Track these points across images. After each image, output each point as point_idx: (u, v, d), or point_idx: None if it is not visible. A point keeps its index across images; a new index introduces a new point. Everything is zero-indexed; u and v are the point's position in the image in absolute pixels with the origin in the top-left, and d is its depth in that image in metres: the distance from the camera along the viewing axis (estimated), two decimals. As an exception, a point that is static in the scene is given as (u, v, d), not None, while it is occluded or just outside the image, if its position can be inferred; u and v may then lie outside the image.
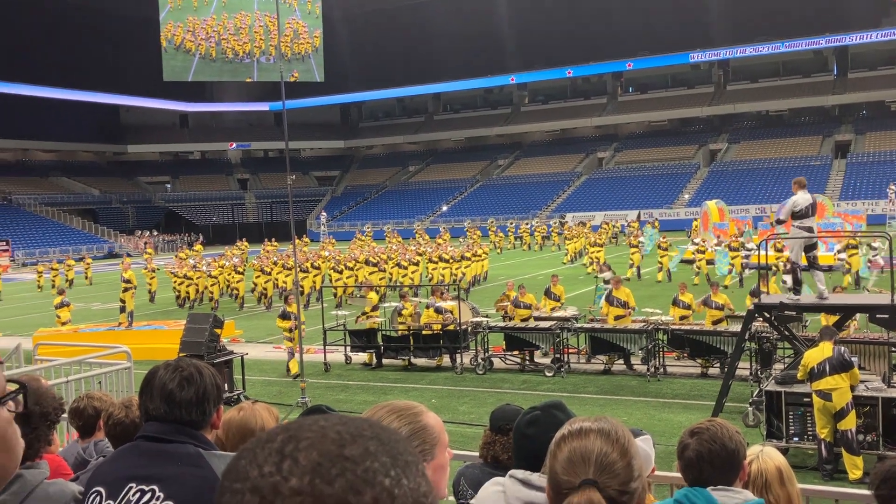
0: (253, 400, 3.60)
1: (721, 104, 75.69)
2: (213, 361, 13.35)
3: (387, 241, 49.69)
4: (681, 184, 68.96)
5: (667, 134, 79.30)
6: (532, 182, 77.05)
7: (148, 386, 2.34)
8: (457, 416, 12.84)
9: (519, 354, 16.48)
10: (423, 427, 1.91)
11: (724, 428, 2.60)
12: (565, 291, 18.89)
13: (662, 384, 14.57)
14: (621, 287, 16.61)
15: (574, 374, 15.75)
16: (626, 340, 15.27)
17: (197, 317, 15.32)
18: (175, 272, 30.13)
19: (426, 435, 1.90)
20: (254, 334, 22.51)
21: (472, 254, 30.22)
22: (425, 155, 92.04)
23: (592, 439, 1.64)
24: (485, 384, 15.21)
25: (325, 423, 0.89)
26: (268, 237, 51.34)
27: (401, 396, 14.61)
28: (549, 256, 43.96)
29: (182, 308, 28.41)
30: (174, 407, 2.28)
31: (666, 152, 76.00)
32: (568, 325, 16.06)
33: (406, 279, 27.90)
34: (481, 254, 31.16)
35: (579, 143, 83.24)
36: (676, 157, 74.68)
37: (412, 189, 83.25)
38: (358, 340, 17.53)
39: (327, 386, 15.76)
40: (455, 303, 17.42)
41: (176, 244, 70.38)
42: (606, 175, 75.71)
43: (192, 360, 2.44)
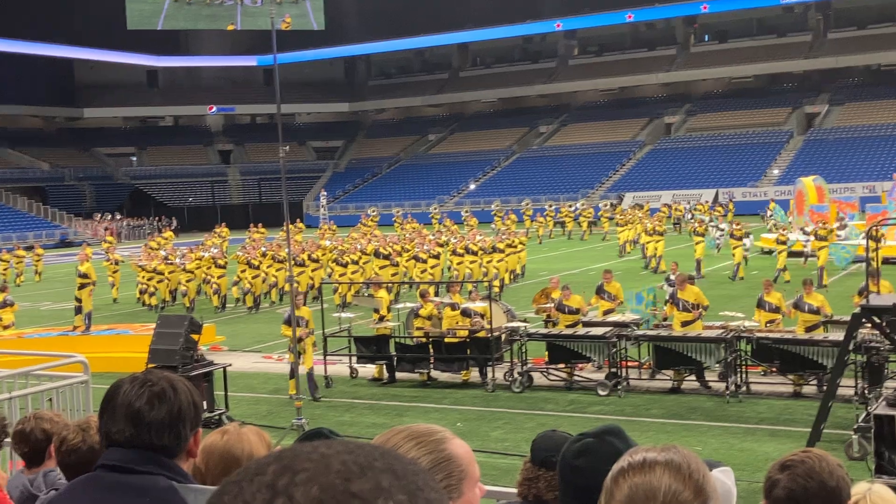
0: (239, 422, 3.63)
1: (820, 56, 74.92)
2: (189, 374, 13.46)
3: (396, 227, 49.65)
4: (769, 156, 68.44)
5: (752, 94, 78.66)
6: (582, 154, 76.81)
7: (110, 404, 2.36)
8: (488, 444, 12.85)
9: (565, 368, 16.46)
10: (448, 457, 1.91)
11: (823, 461, 2.58)
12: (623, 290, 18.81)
13: (745, 406, 14.49)
14: (687, 286, 16.52)
15: (634, 392, 15.71)
16: (700, 351, 15.20)
17: (169, 319, 15.45)
18: (142, 265, 30.37)
19: (451, 467, 1.90)
20: (238, 341, 22.68)
21: (505, 244, 30.18)
22: (449, 120, 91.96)
23: (659, 474, 1.63)
24: (522, 405, 15.21)
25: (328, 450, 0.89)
26: (254, 222, 51.61)
27: (419, 419, 14.65)
28: (603, 247, 43.85)
29: (151, 310, 28.66)
30: (142, 430, 2.30)
31: (750, 117, 75.39)
32: (626, 331, 16.01)
33: (426, 275, 27.92)
34: (517, 244, 31.13)
35: (642, 105, 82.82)
36: (764, 122, 74.07)
37: (432, 163, 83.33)
38: (366, 349, 17.61)
39: (329, 405, 15.85)
40: (486, 304, 17.43)
41: (143, 230, 70.97)
42: (675, 145, 75.23)
43: (164, 372, 2.46)
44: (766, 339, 15.15)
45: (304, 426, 12.92)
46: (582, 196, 67.76)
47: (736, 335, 15.30)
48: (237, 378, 17.63)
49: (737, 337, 15.30)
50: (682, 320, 16.28)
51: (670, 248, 34.61)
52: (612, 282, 18.56)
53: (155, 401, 2.33)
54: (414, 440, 1.92)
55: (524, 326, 16.85)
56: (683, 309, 16.29)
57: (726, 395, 14.88)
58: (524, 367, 16.42)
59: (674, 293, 16.69)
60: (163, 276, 29.76)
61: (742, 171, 66.82)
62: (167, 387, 2.37)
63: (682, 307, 16.32)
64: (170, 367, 13.52)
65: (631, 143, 77.52)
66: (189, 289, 28.88)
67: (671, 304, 16.65)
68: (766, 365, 15.30)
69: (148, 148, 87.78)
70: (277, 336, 22.87)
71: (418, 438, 1.93)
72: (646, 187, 67.43)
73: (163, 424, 2.31)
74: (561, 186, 71.19)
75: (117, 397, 2.35)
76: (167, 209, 78.17)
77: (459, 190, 76.45)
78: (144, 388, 2.35)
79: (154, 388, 2.35)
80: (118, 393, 2.36)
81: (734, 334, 15.30)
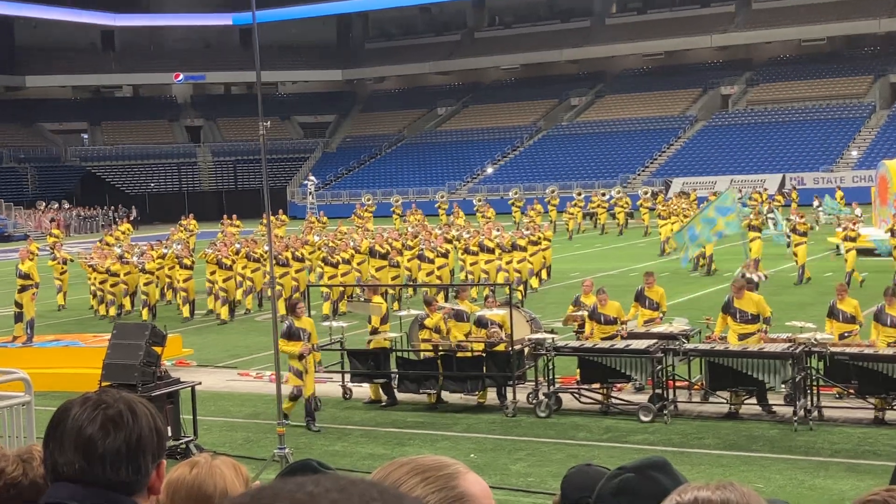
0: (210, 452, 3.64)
1: (908, 14, 74.63)
2: (150, 394, 13.49)
3: (396, 219, 49.36)
4: (847, 134, 68.25)
5: (825, 59, 78.43)
6: (621, 131, 76.73)
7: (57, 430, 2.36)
8: (508, 480, 12.83)
9: (600, 388, 16.44)
10: (461, 496, 1.91)
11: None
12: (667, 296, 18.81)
13: (817, 434, 14.45)
14: (746, 293, 16.47)
15: (683, 418, 15.68)
16: (762, 369, 15.15)
17: (127, 329, 15.46)
18: (93, 265, 30.25)
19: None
20: (209, 355, 22.71)
21: (527, 240, 30.04)
22: (462, 91, 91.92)
23: (713, 517, 1.63)
24: (550, 432, 15.20)
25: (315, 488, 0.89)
26: (228, 213, 51.62)
27: (425, 449, 14.65)
28: (645, 243, 43.78)
29: (104, 320, 28.50)
30: (95, 461, 2.30)
31: (824, 87, 75.18)
32: (674, 345, 15.98)
33: (432, 278, 27.86)
34: (542, 240, 31.07)
35: (693, 72, 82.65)
36: (840, 93, 73.86)
37: (441, 142, 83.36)
38: (362, 365, 17.61)
39: (317, 432, 15.86)
40: (505, 311, 17.42)
41: (96, 222, 71.16)
42: (733, 121, 75.06)
43: (121, 392, 2.46)
44: (841, 354, 15.08)
45: (287, 457, 12.93)
46: (621, 182, 67.61)
47: (805, 350, 15.24)
48: (208, 399, 17.63)
49: (806, 352, 15.23)
50: (739, 332, 16.23)
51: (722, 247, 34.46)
52: (654, 286, 18.51)
53: (110, 426, 2.33)
54: (419, 475, 1.92)
55: (551, 338, 16.81)
56: (742, 319, 16.24)
57: (794, 422, 14.83)
58: (551, 388, 16.39)
59: (729, 301, 16.64)
60: (118, 279, 29.54)
61: (813, 152, 66.62)
62: (125, 410, 2.37)
63: (740, 317, 16.27)
64: (128, 385, 13.55)
65: (680, 119, 77.35)
66: (149, 293, 28.74)
67: (726, 314, 16.57)
68: (842, 386, 15.23)
69: (102, 123, 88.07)
70: (255, 349, 22.95)
71: (425, 473, 1.93)
72: (697, 172, 67.28)
73: (119, 455, 2.31)
74: (595, 171, 71.11)
75: (65, 422, 2.36)
76: (125, 197, 78.40)
77: (474, 174, 76.44)
78: (98, 411, 2.36)
79: (109, 412, 2.35)
80: (66, 417, 2.37)
81: (803, 349, 15.23)
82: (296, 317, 15.96)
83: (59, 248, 33.53)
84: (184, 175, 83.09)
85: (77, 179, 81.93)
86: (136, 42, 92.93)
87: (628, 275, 31.91)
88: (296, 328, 15.71)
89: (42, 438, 2.44)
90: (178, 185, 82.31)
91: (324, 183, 77.89)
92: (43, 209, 70.74)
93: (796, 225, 30.63)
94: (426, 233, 32.64)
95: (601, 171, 70.70)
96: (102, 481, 2.30)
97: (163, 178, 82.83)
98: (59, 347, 21.47)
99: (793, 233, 30.84)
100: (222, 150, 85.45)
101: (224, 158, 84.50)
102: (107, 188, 79.76)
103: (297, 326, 15.72)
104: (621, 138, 75.65)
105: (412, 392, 17.32)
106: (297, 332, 15.67)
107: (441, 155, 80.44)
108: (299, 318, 15.87)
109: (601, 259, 38.21)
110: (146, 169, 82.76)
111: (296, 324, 15.78)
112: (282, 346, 15.23)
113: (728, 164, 67.47)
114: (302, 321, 15.89)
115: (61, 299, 31.88)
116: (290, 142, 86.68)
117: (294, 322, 15.83)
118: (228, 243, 31.29)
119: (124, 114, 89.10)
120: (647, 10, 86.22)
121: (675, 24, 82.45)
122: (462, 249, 30.46)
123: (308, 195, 70.00)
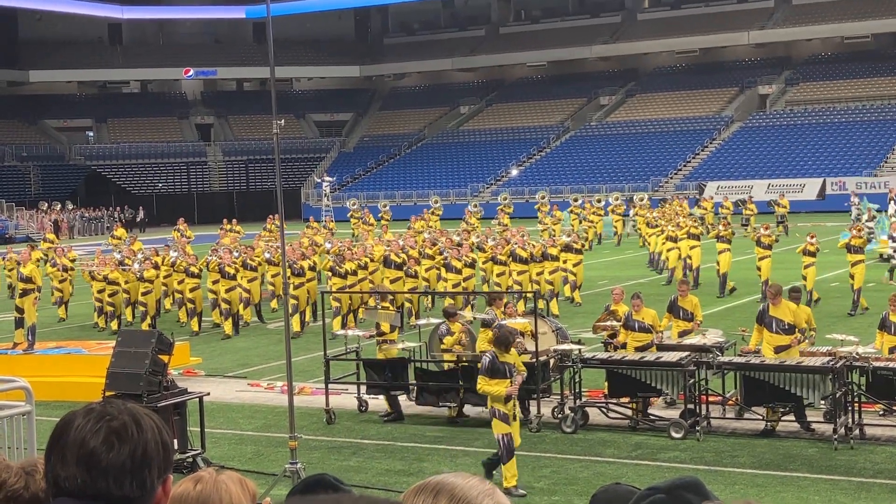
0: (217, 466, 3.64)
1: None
2: (156, 405, 13.53)
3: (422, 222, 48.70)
4: (892, 136, 67.94)
5: (869, 57, 78.06)
6: (653, 131, 76.61)
7: (59, 442, 2.37)
8: (532, 498, 12.82)
9: (630, 403, 16.39)
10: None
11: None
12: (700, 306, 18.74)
13: (858, 454, 14.38)
14: (782, 301, 16.39)
15: (717, 435, 15.62)
16: (801, 384, 15.07)
17: (133, 336, 15.52)
18: (92, 272, 28.95)
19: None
20: (218, 364, 22.75)
21: (557, 250, 29.47)
22: (486, 88, 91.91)
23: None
24: (576, 449, 15.17)
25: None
26: (239, 216, 51.54)
27: (445, 465, 14.64)
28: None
29: (102, 331, 27.57)
30: (98, 475, 2.31)
31: (867, 86, 74.85)
32: (707, 357, 15.92)
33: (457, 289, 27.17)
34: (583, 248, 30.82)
35: (729, 70, 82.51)
36: (885, 93, 73.55)
37: (464, 142, 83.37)
38: (378, 376, 17.60)
39: (331, 446, 15.87)
40: (529, 320, 17.38)
41: (102, 223, 71.36)
42: (772, 121, 74.79)
43: (126, 402, 2.47)
44: (884, 370, 14.99)
45: (299, 472, 12.93)
46: (652, 187, 67.44)
47: (846, 364, 15.16)
48: (216, 411, 17.67)
49: (847, 366, 15.15)
50: (775, 345, 16.15)
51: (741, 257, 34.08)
52: (688, 296, 18.44)
53: (114, 439, 2.34)
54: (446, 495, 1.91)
55: (578, 349, 16.78)
56: (779, 329, 16.15)
57: (834, 440, 14.76)
58: (577, 402, 16.36)
59: (765, 310, 16.56)
60: (117, 287, 28.15)
61: (857, 155, 66.28)
62: (129, 421, 2.38)
63: (777, 327, 16.19)
64: (133, 395, 13.60)
65: (715, 120, 77.13)
66: (148, 304, 27.47)
67: (760, 324, 16.50)
68: (886, 403, 15.15)
69: (108, 121, 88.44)
70: (266, 358, 22.96)
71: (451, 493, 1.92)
72: (733, 175, 67.08)
73: (123, 469, 2.32)
74: (625, 174, 70.97)
75: (68, 434, 2.36)
76: (131, 197, 78.67)
77: (498, 177, 76.39)
78: (101, 422, 2.36)
79: (113, 424, 2.36)
80: (69, 429, 2.37)
81: (844, 363, 15.16)
82: (504, 350, 13.77)
83: (61, 254, 31.79)
84: (193, 175, 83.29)
85: (81, 179, 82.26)
86: (145, 36, 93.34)
87: (658, 283, 31.82)
88: (500, 363, 13.62)
89: (43, 450, 2.45)
90: (187, 186, 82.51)
91: (340, 184, 77.91)
92: (46, 210, 70.93)
93: (761, 237, 29.48)
94: (447, 240, 31.81)
95: (631, 174, 70.55)
96: (105, 496, 2.31)
97: (171, 177, 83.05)
98: (62, 355, 21.52)
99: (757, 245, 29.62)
100: (234, 149, 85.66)
101: (235, 158, 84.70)
102: (112, 188, 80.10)
103: (501, 360, 13.63)
104: (653, 139, 75.49)
105: (431, 405, 17.28)
106: (502, 367, 13.61)
107: (463, 156, 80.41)
108: (507, 352, 13.80)
109: (629, 266, 38.07)
110: (154, 168, 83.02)
111: (500, 357, 13.70)
112: (482, 385, 13.63)
113: (765, 168, 67.20)
114: (510, 354, 13.89)
115: (62, 312, 30.41)
116: (305, 141, 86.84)
117: (498, 355, 13.73)
118: (230, 250, 29.54)
119: (131, 110, 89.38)
120: (681, 5, 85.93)
121: (711, 20, 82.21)
122: (488, 259, 29.90)
123: (323, 196, 69.91)
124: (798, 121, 73.57)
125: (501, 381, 13.43)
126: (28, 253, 27.37)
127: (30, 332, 24.83)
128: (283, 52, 79.22)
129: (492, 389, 13.43)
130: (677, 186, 67.66)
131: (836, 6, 78.51)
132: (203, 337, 26.37)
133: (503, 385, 13.39)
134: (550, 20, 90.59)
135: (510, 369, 13.53)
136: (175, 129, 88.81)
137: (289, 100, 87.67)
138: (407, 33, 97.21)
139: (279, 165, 14.68)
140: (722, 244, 29.87)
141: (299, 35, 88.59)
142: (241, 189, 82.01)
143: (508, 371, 13.48)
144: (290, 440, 13.71)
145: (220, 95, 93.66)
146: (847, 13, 77.27)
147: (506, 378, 13.43)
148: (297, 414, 15.45)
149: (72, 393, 17.90)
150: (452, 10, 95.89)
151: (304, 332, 25.80)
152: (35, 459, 3.70)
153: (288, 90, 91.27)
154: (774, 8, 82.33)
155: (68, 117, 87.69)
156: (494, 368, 13.50)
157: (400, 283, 27.46)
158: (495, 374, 13.47)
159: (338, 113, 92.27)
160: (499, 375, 13.45)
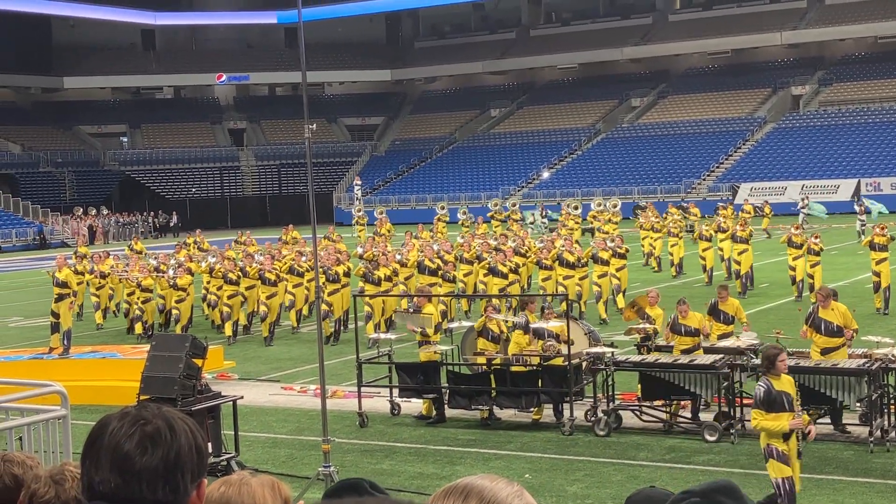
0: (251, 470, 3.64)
1: None
2: (190, 409, 13.58)
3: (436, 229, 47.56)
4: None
5: (904, 57, 77.55)
6: (685, 133, 76.37)
7: (94, 446, 2.37)
8: (565, 502, 12.78)
9: (663, 406, 16.32)
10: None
11: None
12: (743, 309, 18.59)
13: (894, 456, 14.26)
14: (832, 303, 16.25)
15: (751, 438, 15.50)
16: (836, 386, 14.94)
17: (167, 340, 15.57)
18: (122, 277, 28.77)
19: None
20: (251, 367, 22.83)
21: (609, 254, 28.95)
22: (516, 91, 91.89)
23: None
24: (609, 452, 15.12)
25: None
26: (272, 220, 51.61)
27: (477, 468, 14.62)
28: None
29: (131, 334, 27.67)
30: (132, 479, 2.31)
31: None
32: (741, 360, 15.82)
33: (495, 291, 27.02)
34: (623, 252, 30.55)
35: (762, 71, 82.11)
36: (919, 93, 72.99)
37: (495, 144, 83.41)
38: (411, 380, 17.60)
39: (363, 449, 15.88)
40: (562, 323, 17.34)
41: (136, 228, 71.78)
42: (805, 122, 74.38)
43: (160, 406, 2.47)
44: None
45: (332, 475, 12.94)
46: (685, 189, 67.21)
47: (882, 366, 15.03)
48: (250, 414, 17.72)
49: (883, 368, 15.03)
50: (823, 347, 15.98)
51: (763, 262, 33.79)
52: (728, 299, 18.29)
53: (148, 443, 2.34)
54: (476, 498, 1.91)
55: (611, 352, 16.73)
56: (827, 331, 15.99)
57: (869, 443, 14.64)
58: (611, 405, 16.31)
59: (814, 311, 16.37)
60: (150, 295, 27.75)
61: (891, 156, 65.84)
62: (163, 425, 2.38)
63: (825, 328, 16.02)
64: (167, 399, 13.66)
65: (748, 121, 76.79)
66: (181, 309, 27.23)
67: (810, 326, 16.29)
68: (923, 405, 15.01)
69: (142, 126, 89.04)
70: (299, 361, 23.03)
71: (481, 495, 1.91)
72: (766, 177, 66.78)
73: (156, 473, 2.32)
74: (658, 176, 70.81)
75: (103, 438, 2.37)
76: (165, 202, 79.17)
77: (529, 179, 76.33)
78: (136, 426, 2.37)
79: (147, 428, 2.36)
80: (104, 433, 2.38)
81: (880, 365, 15.04)
82: (775, 375, 11.46)
83: (98, 260, 31.54)
84: (226, 180, 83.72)
85: (116, 184, 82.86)
86: (178, 41, 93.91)
87: (692, 285, 31.67)
88: (776, 391, 11.32)
89: (78, 454, 2.45)
90: (220, 191, 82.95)
91: (371, 188, 78.08)
92: (80, 215, 71.46)
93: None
94: (485, 244, 31.36)
95: (664, 176, 70.36)
96: (139, 500, 2.31)
97: (204, 182, 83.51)
98: (97, 359, 21.64)
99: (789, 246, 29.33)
100: (266, 153, 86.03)
101: (268, 162, 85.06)
102: (147, 193, 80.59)
103: (777, 390, 11.33)
104: (685, 141, 75.24)
105: (463, 408, 17.26)
106: (780, 397, 11.33)
107: (494, 158, 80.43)
108: (779, 377, 11.46)
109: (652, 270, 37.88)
110: (187, 173, 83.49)
111: (775, 386, 11.37)
112: (758, 419, 11.39)
113: (799, 169, 66.81)
114: (782, 380, 11.48)
115: (99, 317, 30.42)
116: (337, 145, 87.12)
117: (773, 383, 11.39)
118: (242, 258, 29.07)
119: (165, 116, 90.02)
120: (713, 6, 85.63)
121: (743, 21, 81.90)
122: (533, 263, 29.60)
123: (355, 199, 69.96)
124: (832, 121, 73.14)
125: (780, 414, 11.27)
126: (62, 258, 27.47)
127: (65, 337, 24.97)
128: (315, 56, 79.65)
129: (770, 425, 11.27)
130: (710, 188, 67.39)
131: (869, 6, 78.02)
132: (237, 341, 26.42)
133: (783, 420, 11.25)
134: (581, 22, 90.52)
135: (788, 400, 11.30)
136: (208, 134, 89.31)
137: (320, 104, 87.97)
138: (438, 37, 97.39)
139: (311, 170, 14.73)
140: (740, 245, 30.37)
141: (331, 40, 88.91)
142: (274, 193, 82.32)
143: (787, 403, 11.28)
144: (323, 443, 13.74)
145: (252, 100, 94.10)
146: (880, 13, 76.75)
147: (784, 410, 11.24)
148: (330, 417, 15.49)
149: (107, 397, 17.99)
150: (483, 14, 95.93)
151: (338, 342, 25.52)
152: (62, 467, 3.71)
153: (319, 95, 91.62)
154: (807, 8, 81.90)
155: (102, 123, 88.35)
156: (770, 400, 11.27)
157: (437, 290, 26.52)
158: (772, 407, 11.26)
159: (369, 117, 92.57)
160: (776, 408, 11.27)
